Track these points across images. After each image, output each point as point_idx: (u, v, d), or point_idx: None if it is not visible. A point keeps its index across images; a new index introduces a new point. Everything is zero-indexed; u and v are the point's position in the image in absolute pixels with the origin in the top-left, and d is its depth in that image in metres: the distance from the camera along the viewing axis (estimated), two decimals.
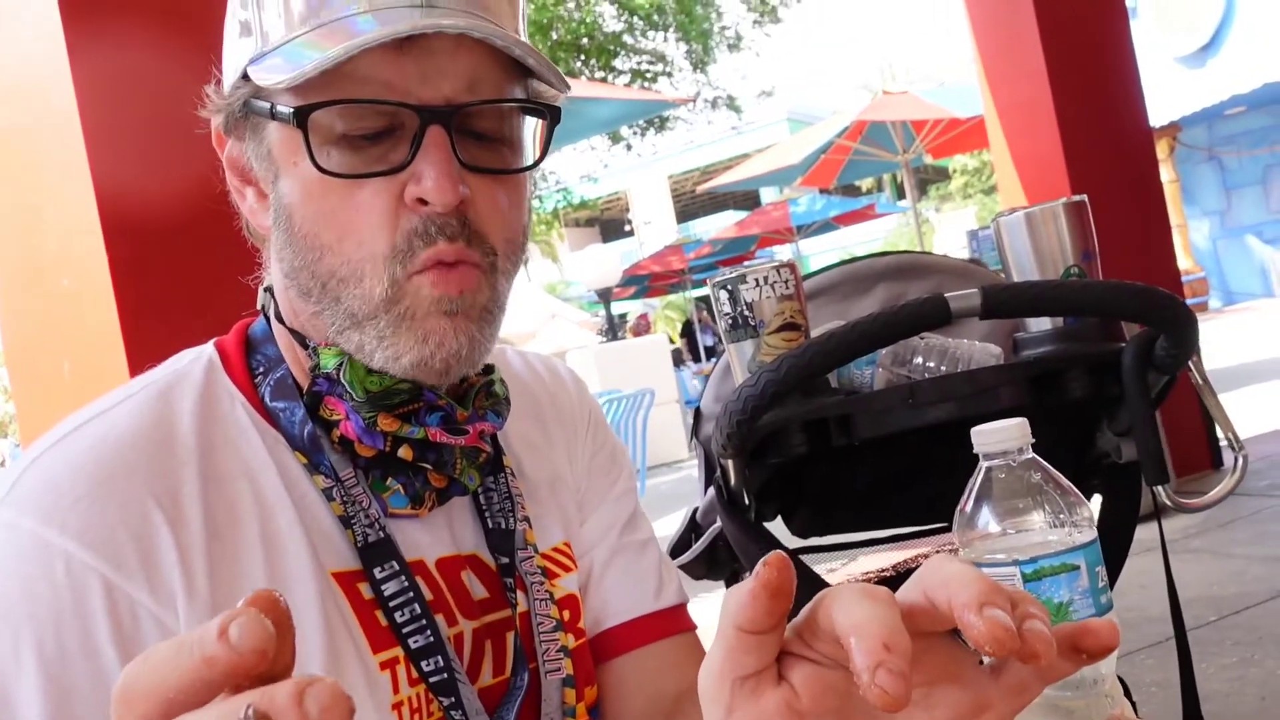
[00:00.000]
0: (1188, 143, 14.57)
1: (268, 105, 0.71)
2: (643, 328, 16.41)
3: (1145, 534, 1.34)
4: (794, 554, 1.29)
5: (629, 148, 17.56)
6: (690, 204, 22.75)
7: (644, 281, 15.58)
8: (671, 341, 13.86)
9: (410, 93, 0.69)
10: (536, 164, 0.78)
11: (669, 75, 17.39)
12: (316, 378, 0.75)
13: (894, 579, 1.43)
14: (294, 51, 0.69)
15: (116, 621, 0.64)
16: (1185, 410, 4.39)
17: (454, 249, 0.71)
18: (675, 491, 7.37)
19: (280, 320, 0.79)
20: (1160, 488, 1.12)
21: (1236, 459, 1.12)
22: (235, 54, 0.74)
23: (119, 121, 2.63)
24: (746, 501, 1.27)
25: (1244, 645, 2.96)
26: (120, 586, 0.64)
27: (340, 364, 0.74)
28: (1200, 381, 1.14)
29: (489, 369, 0.82)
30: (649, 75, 17.11)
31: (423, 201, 0.70)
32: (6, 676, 0.62)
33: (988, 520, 0.64)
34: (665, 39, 17.26)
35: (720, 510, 1.31)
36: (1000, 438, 0.65)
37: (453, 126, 0.70)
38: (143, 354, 2.69)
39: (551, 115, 0.76)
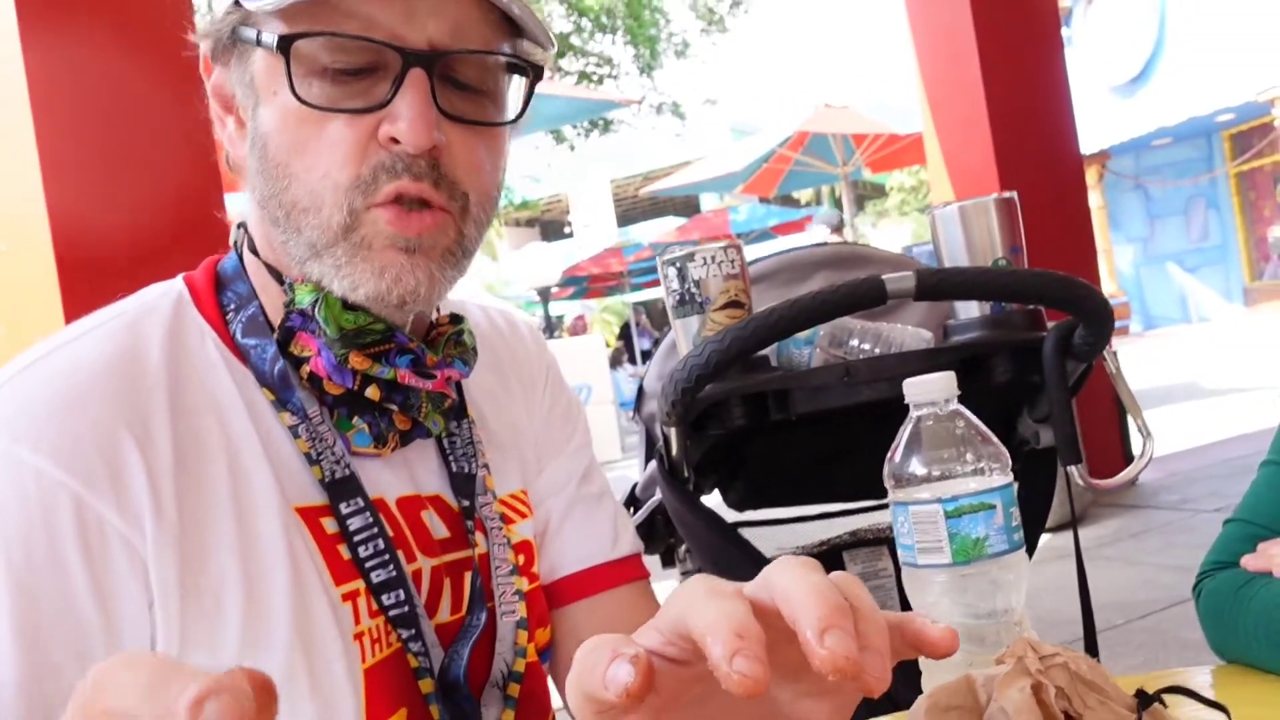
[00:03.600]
0: (1116, 170, 15.02)
1: (255, 32, 0.73)
2: (579, 329, 16.43)
3: (1062, 542, 1.42)
4: (732, 528, 1.35)
5: (572, 148, 17.59)
6: (631, 209, 22.83)
7: (583, 283, 15.58)
8: (608, 345, 13.90)
9: (395, 33, 0.71)
10: (516, 120, 0.80)
11: (615, 79, 17.47)
12: (290, 313, 0.76)
13: (823, 554, 1.49)
14: None
15: (84, 535, 0.66)
16: (1102, 423, 4.56)
17: (418, 186, 0.72)
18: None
19: (255, 254, 0.80)
20: (1074, 468, 1.19)
21: (1145, 444, 1.20)
22: None
23: (64, 74, 2.57)
24: (686, 473, 1.32)
25: (1148, 647, 3.10)
26: (90, 503, 0.66)
27: (315, 300, 0.75)
28: (1114, 370, 1.21)
29: (458, 319, 0.85)
30: (595, 78, 17.17)
31: (395, 141, 0.72)
32: None
33: (915, 464, 0.70)
34: (613, 42, 17.35)
35: (660, 481, 1.36)
36: (929, 389, 0.71)
37: (434, 71, 0.72)
38: (81, 315, 2.66)
39: (534, 72, 0.78)
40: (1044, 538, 1.40)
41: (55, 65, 2.55)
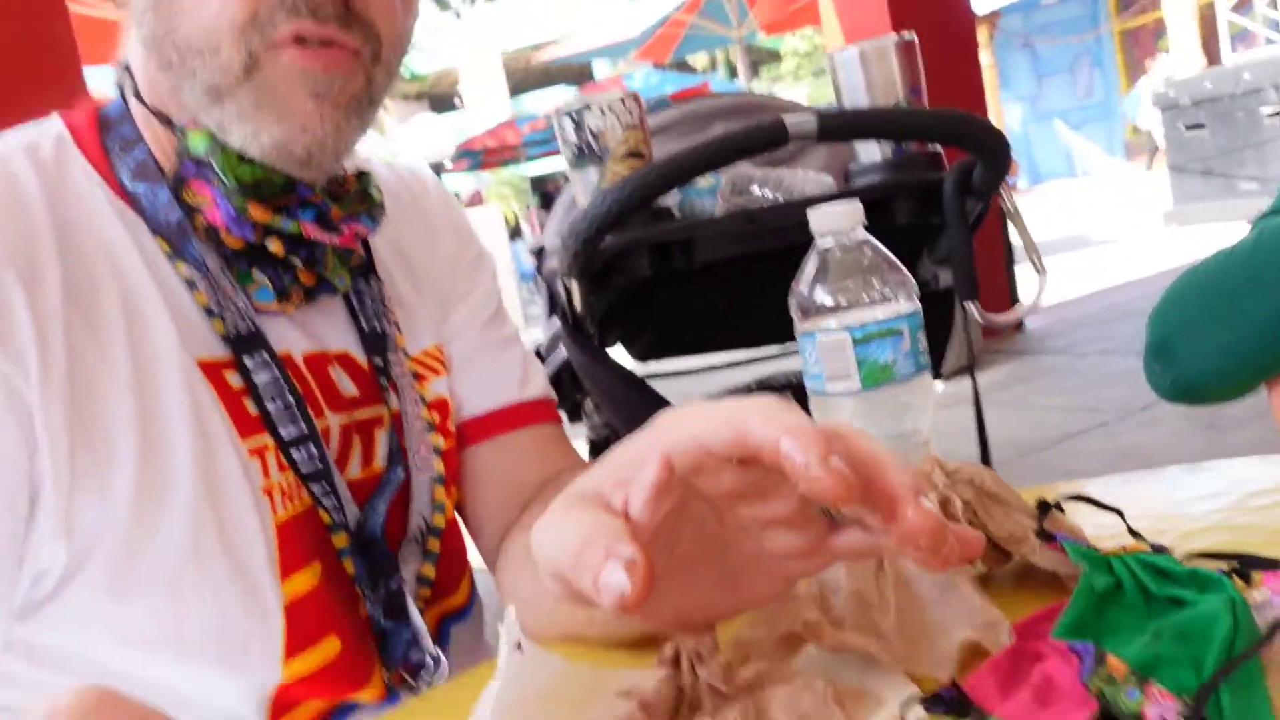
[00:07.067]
0: (1006, 29, 15.12)
1: None
2: (475, 202, 16.13)
3: (959, 389, 1.47)
4: (640, 380, 1.35)
5: (458, 15, 16.96)
6: (524, 80, 22.26)
7: (478, 156, 15.22)
8: (505, 219, 13.69)
9: None
10: None
11: None
12: (183, 160, 0.71)
13: None
14: None
15: None
16: (992, 268, 4.68)
17: (322, 29, 0.68)
18: None
19: (140, 99, 0.74)
20: (971, 304, 1.22)
21: (1040, 279, 1.23)
22: None
23: None
24: (591, 328, 1.31)
25: (1041, 477, 3.26)
26: None
27: (210, 148, 0.70)
28: (1011, 208, 1.23)
29: (364, 175, 0.80)
30: None
31: None
32: None
33: (822, 294, 0.70)
34: None
35: (565, 338, 1.35)
36: (835, 218, 0.70)
37: None
38: None
39: None
40: (942, 384, 1.45)
41: None
